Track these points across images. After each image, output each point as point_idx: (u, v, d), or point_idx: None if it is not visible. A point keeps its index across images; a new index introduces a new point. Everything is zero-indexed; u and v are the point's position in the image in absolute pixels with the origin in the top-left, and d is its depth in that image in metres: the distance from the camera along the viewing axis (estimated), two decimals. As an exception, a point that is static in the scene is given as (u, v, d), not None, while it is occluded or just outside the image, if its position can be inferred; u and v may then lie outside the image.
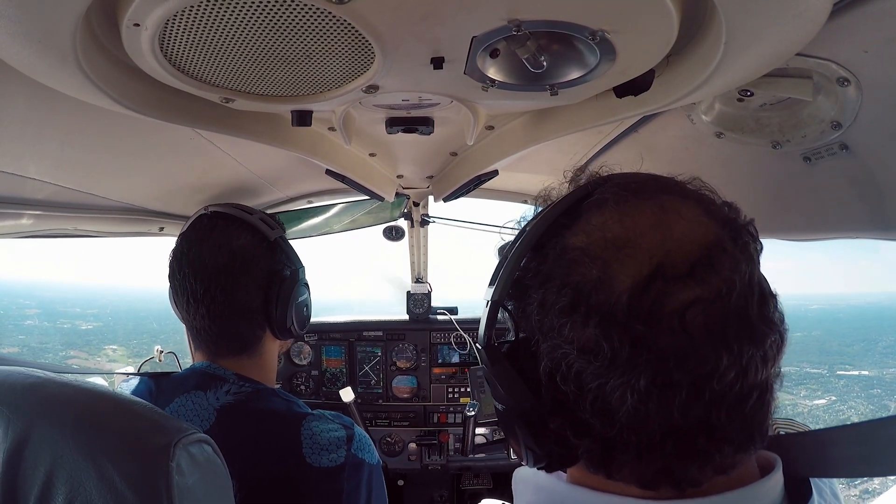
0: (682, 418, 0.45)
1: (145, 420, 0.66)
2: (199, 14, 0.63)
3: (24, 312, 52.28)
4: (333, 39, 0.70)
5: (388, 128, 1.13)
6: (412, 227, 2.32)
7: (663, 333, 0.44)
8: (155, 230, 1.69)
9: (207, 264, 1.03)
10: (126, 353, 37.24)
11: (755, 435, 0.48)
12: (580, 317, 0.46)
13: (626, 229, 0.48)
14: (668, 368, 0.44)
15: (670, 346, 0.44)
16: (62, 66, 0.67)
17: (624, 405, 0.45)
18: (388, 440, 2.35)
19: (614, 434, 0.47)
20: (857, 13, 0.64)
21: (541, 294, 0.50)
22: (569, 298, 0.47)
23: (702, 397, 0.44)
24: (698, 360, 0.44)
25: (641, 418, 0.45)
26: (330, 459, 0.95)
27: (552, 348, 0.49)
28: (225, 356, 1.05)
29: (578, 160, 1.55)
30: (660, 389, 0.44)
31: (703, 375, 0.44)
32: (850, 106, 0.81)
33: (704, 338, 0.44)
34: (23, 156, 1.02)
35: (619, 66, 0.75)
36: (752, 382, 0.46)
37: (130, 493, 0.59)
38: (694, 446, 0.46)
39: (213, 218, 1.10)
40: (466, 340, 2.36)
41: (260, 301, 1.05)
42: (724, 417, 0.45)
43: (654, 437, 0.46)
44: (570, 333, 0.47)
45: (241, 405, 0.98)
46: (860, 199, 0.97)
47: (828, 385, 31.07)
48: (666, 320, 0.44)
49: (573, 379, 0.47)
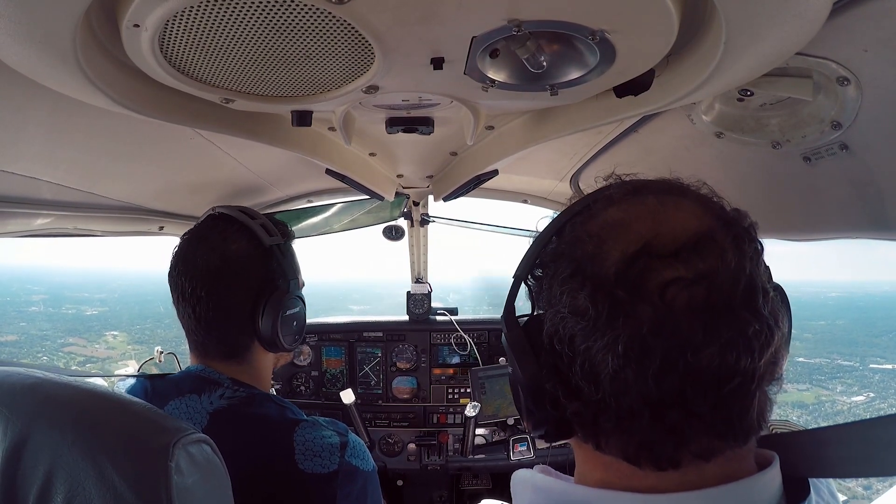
0: (657, 388, 0.48)
1: (144, 420, 0.66)
2: (198, 14, 0.63)
3: (30, 298, 51.79)
4: (333, 40, 0.70)
5: (388, 128, 1.13)
6: (412, 227, 2.32)
7: (643, 303, 0.48)
8: (155, 230, 1.69)
9: (198, 265, 1.02)
10: (127, 338, 36.86)
11: (734, 421, 0.49)
12: (577, 284, 0.52)
13: (624, 215, 0.54)
14: (642, 334, 0.47)
15: (647, 315, 0.48)
16: (62, 66, 0.67)
17: (606, 369, 0.49)
18: (388, 440, 2.35)
19: (600, 398, 0.50)
20: (856, 13, 0.64)
21: (552, 269, 0.56)
22: (570, 269, 0.53)
23: (675, 368, 0.47)
24: (673, 330, 0.47)
25: (622, 384, 0.49)
26: (323, 466, 0.94)
27: (554, 314, 0.54)
28: (214, 359, 1.05)
29: (578, 160, 1.55)
30: (637, 354, 0.48)
31: (676, 345, 0.47)
32: (850, 105, 0.80)
33: (682, 313, 0.47)
34: (23, 156, 1.02)
35: (619, 66, 0.75)
36: (732, 367, 0.47)
37: (130, 493, 0.59)
38: (668, 419, 0.49)
39: (215, 219, 1.09)
40: (467, 341, 2.36)
41: (248, 309, 1.03)
42: (699, 394, 0.48)
43: (633, 404, 0.49)
44: (567, 300, 0.52)
45: (234, 409, 0.98)
46: (860, 199, 0.97)
47: (863, 380, 30.36)
48: (647, 293, 0.48)
49: (567, 342, 0.52)
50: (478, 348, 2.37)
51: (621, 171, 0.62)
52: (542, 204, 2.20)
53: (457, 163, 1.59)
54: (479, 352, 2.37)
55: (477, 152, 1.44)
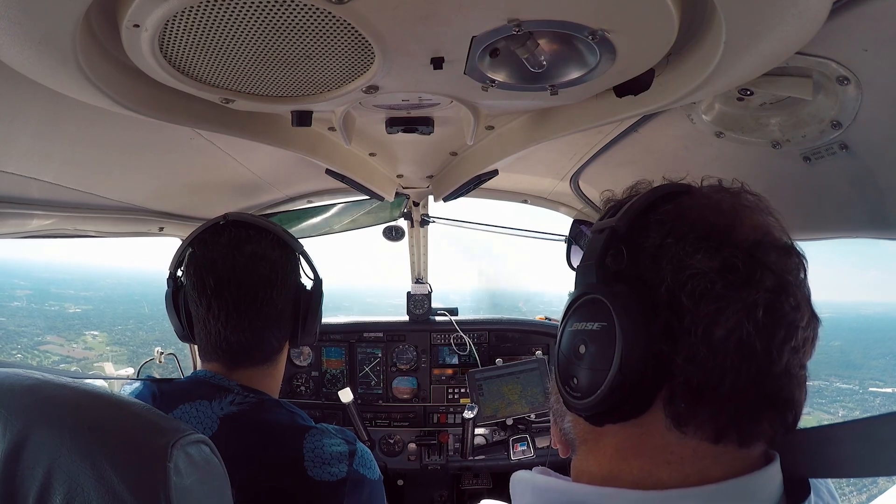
0: (772, 362, 0.49)
1: (143, 421, 0.66)
2: (198, 15, 0.63)
3: (14, 293, 50.49)
4: (333, 39, 0.70)
5: (388, 128, 1.13)
6: (412, 227, 2.32)
7: (771, 277, 0.50)
8: (155, 230, 1.69)
9: (241, 273, 1.01)
10: (106, 339, 35.69)
11: (794, 407, 0.53)
12: (714, 244, 0.51)
13: (740, 202, 0.58)
14: (780, 300, 0.49)
15: (772, 284, 0.50)
16: (62, 66, 0.67)
17: (737, 334, 0.49)
18: (388, 440, 2.35)
19: (714, 366, 0.49)
20: (856, 12, 0.64)
21: (671, 227, 0.54)
22: (704, 231, 0.53)
23: (791, 341, 0.50)
24: (791, 304, 0.50)
25: (748, 351, 0.49)
26: (331, 473, 0.94)
27: (677, 271, 0.51)
28: (241, 367, 1.04)
29: (578, 160, 1.55)
30: (771, 320, 0.49)
31: (792, 320, 0.50)
32: (850, 105, 0.80)
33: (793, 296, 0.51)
34: (23, 156, 1.02)
35: (619, 66, 0.75)
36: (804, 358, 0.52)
37: (128, 494, 0.59)
38: (762, 395, 0.50)
39: (242, 227, 1.06)
40: (466, 342, 2.36)
41: (289, 313, 1.08)
42: (797, 372, 0.51)
43: (747, 376, 0.49)
44: (702, 257, 0.51)
45: (244, 415, 0.98)
46: (860, 199, 0.97)
47: (864, 404, 30.13)
48: (773, 271, 0.51)
49: (696, 300, 0.50)
50: (477, 349, 2.37)
51: (621, 170, 0.62)
52: (542, 204, 2.20)
53: (457, 163, 1.59)
54: (478, 352, 2.37)
55: (477, 152, 1.44)
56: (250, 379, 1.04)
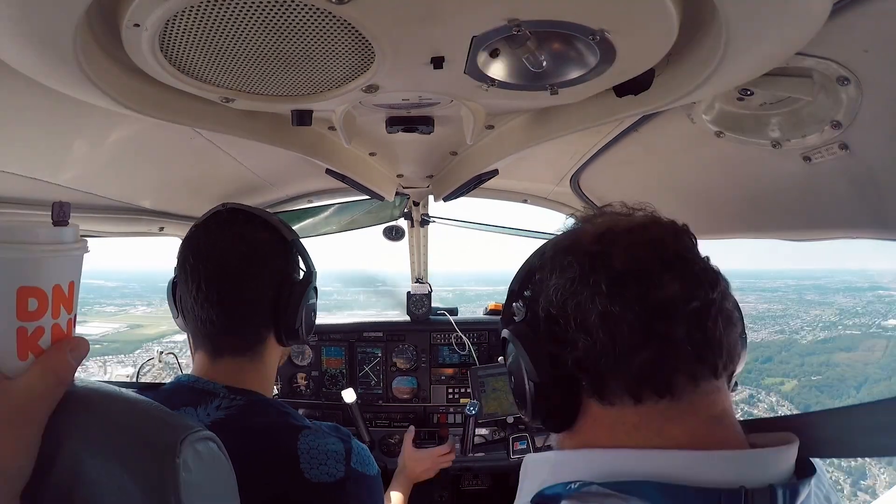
0: (637, 319, 0.57)
1: (152, 417, 0.66)
2: (199, 14, 0.63)
3: None
4: (333, 39, 0.70)
5: (389, 127, 1.13)
6: (412, 227, 2.32)
7: (616, 256, 0.60)
8: (155, 230, 1.69)
9: (224, 251, 1.00)
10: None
11: (706, 345, 0.58)
12: (561, 258, 0.65)
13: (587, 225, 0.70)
14: (619, 272, 0.59)
15: (620, 261, 0.60)
16: (62, 66, 0.67)
17: (595, 311, 0.59)
18: (389, 440, 2.36)
19: (595, 341, 0.59)
20: (857, 12, 0.64)
21: (543, 268, 0.68)
22: (554, 252, 0.67)
23: (647, 299, 0.58)
24: (641, 271, 0.59)
25: (612, 321, 0.58)
26: (329, 474, 0.92)
27: (545, 293, 0.65)
28: (224, 355, 1.02)
29: (578, 160, 1.55)
30: (617, 290, 0.58)
31: (646, 281, 0.58)
32: (850, 105, 0.81)
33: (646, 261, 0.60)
34: (23, 156, 1.02)
35: (619, 66, 0.75)
36: (690, 293, 0.59)
37: (137, 490, 0.59)
38: (655, 348, 0.57)
39: (234, 211, 1.07)
40: (466, 342, 2.36)
41: (270, 299, 1.03)
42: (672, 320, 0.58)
43: (624, 340, 0.58)
44: (556, 274, 0.64)
45: (233, 420, 0.94)
46: (860, 198, 0.97)
47: None
48: (618, 248, 0.61)
49: (559, 307, 0.62)
50: (477, 348, 2.37)
51: (622, 170, 0.64)
52: (542, 204, 2.20)
53: (457, 163, 1.59)
54: (478, 351, 2.37)
55: (477, 152, 1.44)
56: (236, 375, 1.01)
